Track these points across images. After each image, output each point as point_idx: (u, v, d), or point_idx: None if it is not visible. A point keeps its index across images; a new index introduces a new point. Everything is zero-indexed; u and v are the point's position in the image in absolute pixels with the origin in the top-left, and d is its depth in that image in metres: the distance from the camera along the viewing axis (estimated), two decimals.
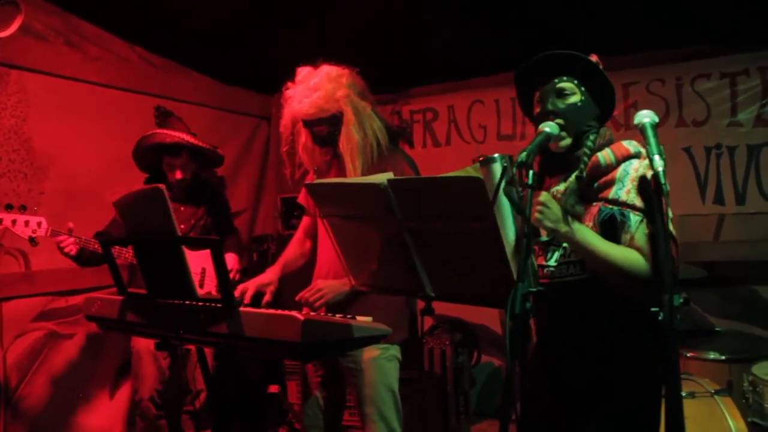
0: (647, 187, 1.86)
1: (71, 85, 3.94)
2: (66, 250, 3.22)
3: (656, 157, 1.71)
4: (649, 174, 1.75)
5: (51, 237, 3.18)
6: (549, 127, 1.95)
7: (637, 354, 1.97)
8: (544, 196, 1.85)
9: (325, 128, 2.68)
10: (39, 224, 3.14)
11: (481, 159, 1.76)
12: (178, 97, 4.56)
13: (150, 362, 3.50)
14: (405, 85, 5.08)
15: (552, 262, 2.03)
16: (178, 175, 3.56)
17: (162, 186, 2.07)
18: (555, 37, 2.35)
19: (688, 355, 3.31)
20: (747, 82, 4.00)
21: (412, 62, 4.56)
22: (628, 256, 1.87)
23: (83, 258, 3.32)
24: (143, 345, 3.48)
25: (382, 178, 1.76)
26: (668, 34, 4.01)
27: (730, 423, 2.82)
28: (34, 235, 3.14)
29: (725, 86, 4.05)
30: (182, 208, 3.65)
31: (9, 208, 3.12)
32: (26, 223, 3.12)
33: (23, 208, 3.13)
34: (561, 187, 2.03)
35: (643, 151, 1.93)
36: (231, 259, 3.65)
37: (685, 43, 4.12)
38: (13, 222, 3.10)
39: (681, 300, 1.59)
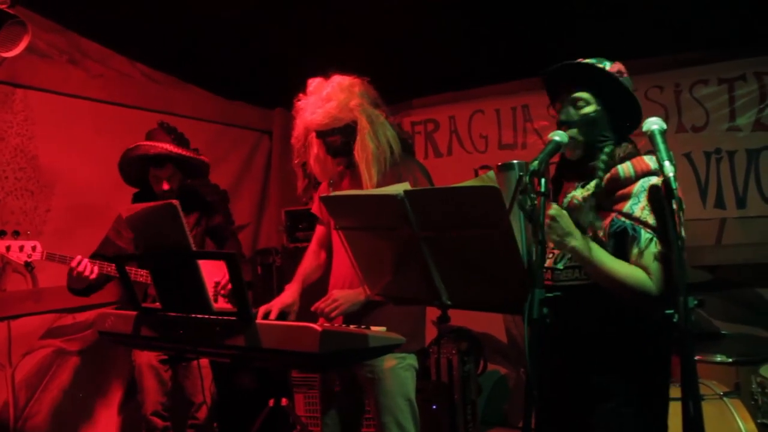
0: (659, 197, 1.87)
1: (75, 102, 3.97)
2: (86, 273, 3.18)
3: (666, 163, 1.74)
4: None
5: (47, 260, 3.16)
6: (558, 135, 1.97)
7: (639, 359, 1.99)
8: (554, 209, 1.86)
9: (339, 138, 2.67)
10: (33, 248, 3.12)
11: (499, 165, 1.79)
12: (180, 113, 4.59)
13: (151, 376, 3.50)
14: (406, 97, 5.12)
15: (560, 266, 2.06)
16: (165, 186, 3.55)
17: (176, 202, 2.09)
18: (553, 46, 2.36)
19: (695, 358, 3.32)
20: (744, 87, 4.05)
21: (412, 74, 4.60)
22: (633, 273, 1.88)
23: (93, 284, 3.32)
24: (144, 359, 3.48)
25: (398, 189, 1.78)
26: (665, 40, 4.06)
27: (741, 425, 2.85)
28: (29, 260, 3.12)
29: (723, 92, 4.11)
30: None
31: (2, 234, 3.10)
32: (21, 248, 3.10)
33: (16, 234, 3.12)
34: (577, 193, 2.05)
35: None
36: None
37: (683, 49, 4.17)
38: (8, 248, 3.08)
39: (695, 302, 1.61)
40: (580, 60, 2.10)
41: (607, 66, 2.06)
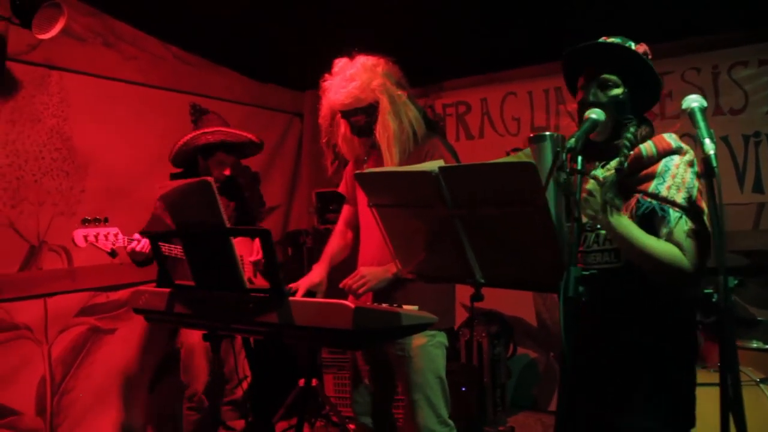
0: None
1: (109, 84, 4.01)
2: (139, 248, 3.18)
3: (707, 141, 1.70)
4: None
5: (127, 245, 3.14)
6: (595, 113, 1.95)
7: (669, 342, 1.97)
8: (591, 184, 1.85)
9: (363, 118, 2.70)
10: (116, 235, 3.11)
11: (530, 137, 1.77)
12: (212, 95, 4.64)
13: (202, 356, 3.52)
14: (437, 79, 5.09)
15: (585, 247, 2.04)
16: (227, 171, 3.59)
17: (210, 179, 2.10)
18: (587, 26, 2.33)
19: None
20: None
21: (443, 55, 4.57)
22: (667, 249, 1.87)
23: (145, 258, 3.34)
24: (196, 339, 3.47)
25: (433, 165, 1.77)
26: (703, 21, 3.96)
27: None
28: (114, 247, 3.10)
29: (764, 73, 4.00)
30: None
31: (85, 222, 3.06)
32: (106, 237, 3.08)
33: (98, 221, 3.09)
34: (598, 172, 2.03)
35: (683, 146, 1.95)
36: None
37: (721, 29, 4.07)
38: (96, 237, 3.06)
39: (735, 281, 1.58)
40: (604, 39, 2.07)
41: (633, 47, 2.04)
